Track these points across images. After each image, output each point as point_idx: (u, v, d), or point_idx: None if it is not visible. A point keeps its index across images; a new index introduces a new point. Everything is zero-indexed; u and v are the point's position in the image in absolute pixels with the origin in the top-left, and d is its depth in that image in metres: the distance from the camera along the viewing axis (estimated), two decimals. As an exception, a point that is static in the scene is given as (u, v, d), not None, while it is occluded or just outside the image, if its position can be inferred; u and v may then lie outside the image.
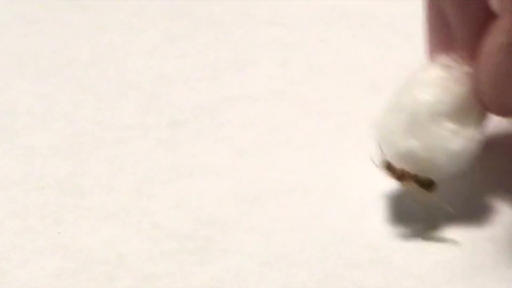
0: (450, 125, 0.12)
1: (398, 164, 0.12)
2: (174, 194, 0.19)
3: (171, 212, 0.19)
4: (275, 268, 0.16)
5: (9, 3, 0.30)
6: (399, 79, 0.13)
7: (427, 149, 0.12)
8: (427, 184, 0.12)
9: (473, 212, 0.14)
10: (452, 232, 0.14)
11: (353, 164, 0.19)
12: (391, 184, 0.14)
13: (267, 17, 0.29)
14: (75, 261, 0.17)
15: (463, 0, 0.12)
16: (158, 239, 0.18)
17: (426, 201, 0.12)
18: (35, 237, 0.18)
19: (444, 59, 0.12)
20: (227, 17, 0.28)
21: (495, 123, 0.17)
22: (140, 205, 0.19)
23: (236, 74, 0.25)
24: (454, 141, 0.12)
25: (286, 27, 0.29)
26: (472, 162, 0.13)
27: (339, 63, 0.25)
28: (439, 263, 0.15)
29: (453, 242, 0.13)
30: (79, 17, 0.29)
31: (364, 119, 0.18)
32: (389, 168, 0.12)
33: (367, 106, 0.21)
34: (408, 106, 0.12)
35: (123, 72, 0.25)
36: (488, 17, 0.12)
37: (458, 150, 0.12)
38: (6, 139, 0.22)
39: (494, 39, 0.11)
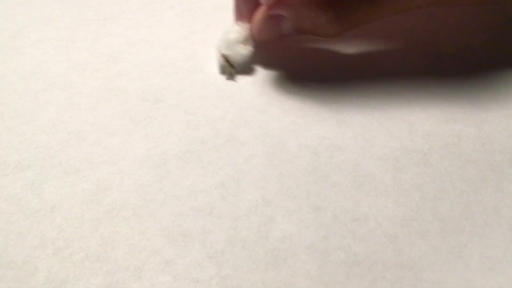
0: (242, 45, 0.28)
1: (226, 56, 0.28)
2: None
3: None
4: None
5: None
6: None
7: (234, 53, 0.28)
8: (233, 65, 0.29)
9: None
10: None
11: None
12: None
13: None
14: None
15: (245, 4, 0.29)
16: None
17: (231, 72, 0.29)
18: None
19: (239, 22, 0.29)
20: None
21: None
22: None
23: None
24: (243, 50, 0.28)
25: None
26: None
27: None
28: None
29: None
30: None
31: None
32: (224, 56, 0.28)
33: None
34: (228, 38, 0.28)
35: None
36: (255, 7, 0.28)
37: (245, 54, 0.28)
38: None
39: (254, 17, 0.28)
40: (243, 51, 0.28)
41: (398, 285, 0.20)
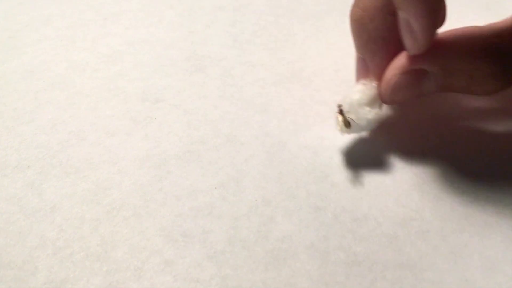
0: (367, 108, 0.23)
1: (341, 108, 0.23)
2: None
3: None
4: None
5: None
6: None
7: (359, 118, 0.23)
8: (348, 123, 0.23)
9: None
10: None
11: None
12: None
13: None
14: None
15: (373, 58, 0.23)
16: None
17: (345, 130, 0.23)
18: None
19: (364, 80, 0.24)
20: None
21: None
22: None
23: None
24: (369, 114, 0.23)
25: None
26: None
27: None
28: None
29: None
30: None
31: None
32: (340, 107, 0.23)
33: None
34: (351, 100, 0.23)
35: None
36: (386, 64, 0.23)
37: (371, 118, 0.23)
38: None
39: (387, 73, 0.23)
40: (370, 115, 0.23)
41: (398, 285, 0.20)
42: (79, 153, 0.24)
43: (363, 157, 0.24)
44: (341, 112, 0.23)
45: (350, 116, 0.23)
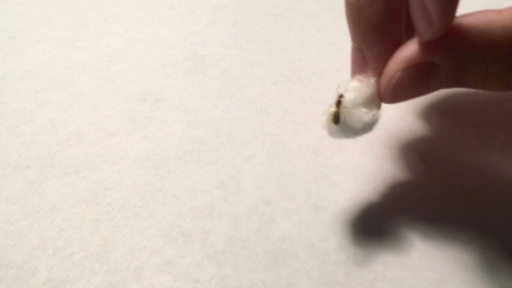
0: (364, 109, 0.20)
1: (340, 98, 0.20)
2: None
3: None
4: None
5: None
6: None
7: (352, 120, 0.20)
8: (337, 119, 0.20)
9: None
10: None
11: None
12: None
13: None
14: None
15: (372, 48, 0.19)
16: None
17: (332, 129, 0.20)
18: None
19: (360, 76, 0.20)
20: None
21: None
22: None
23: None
24: (365, 117, 0.20)
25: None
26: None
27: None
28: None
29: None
30: None
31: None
32: (340, 97, 0.20)
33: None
34: (344, 99, 0.20)
35: None
36: (387, 56, 0.19)
37: (368, 121, 0.20)
38: None
39: (389, 67, 0.19)
40: (366, 117, 0.20)
41: (398, 285, 0.20)
42: (79, 153, 0.24)
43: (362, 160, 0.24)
44: (338, 103, 0.20)
45: (345, 119, 0.20)
